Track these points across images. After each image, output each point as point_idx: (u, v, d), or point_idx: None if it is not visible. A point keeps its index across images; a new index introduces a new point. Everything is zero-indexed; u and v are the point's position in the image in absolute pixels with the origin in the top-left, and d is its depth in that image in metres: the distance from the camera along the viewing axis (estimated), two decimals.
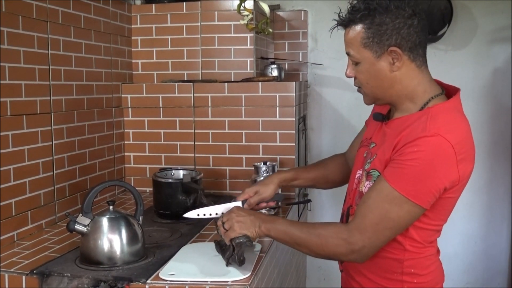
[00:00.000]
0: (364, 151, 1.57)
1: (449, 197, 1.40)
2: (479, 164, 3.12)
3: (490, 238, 3.18)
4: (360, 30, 1.41)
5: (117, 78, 2.54)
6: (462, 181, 1.39)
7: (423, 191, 1.33)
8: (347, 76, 1.51)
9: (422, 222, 1.42)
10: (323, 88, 3.22)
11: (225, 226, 1.51)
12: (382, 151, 1.45)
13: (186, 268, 1.53)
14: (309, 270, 3.29)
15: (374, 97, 1.49)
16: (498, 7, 2.99)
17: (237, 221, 1.49)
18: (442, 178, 1.33)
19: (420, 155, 1.32)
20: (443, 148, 1.32)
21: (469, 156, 1.41)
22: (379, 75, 1.43)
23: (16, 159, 1.82)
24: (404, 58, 1.41)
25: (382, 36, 1.39)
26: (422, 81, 1.45)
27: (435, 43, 3.03)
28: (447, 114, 1.39)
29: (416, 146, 1.32)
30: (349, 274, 1.58)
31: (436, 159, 1.32)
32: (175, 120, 2.56)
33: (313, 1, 3.13)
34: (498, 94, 3.07)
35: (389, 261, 1.46)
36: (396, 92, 1.45)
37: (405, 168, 1.33)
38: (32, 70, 1.90)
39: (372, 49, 1.41)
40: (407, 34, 1.39)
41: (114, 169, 2.52)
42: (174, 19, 2.65)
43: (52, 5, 1.99)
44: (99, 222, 1.57)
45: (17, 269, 1.56)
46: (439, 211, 1.43)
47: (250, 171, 2.40)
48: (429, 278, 1.49)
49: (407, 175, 1.33)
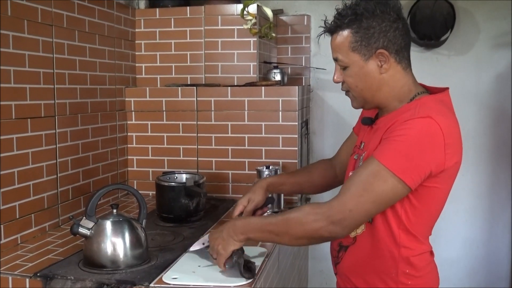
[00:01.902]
0: (354, 155, 1.61)
1: (435, 187, 1.41)
2: (481, 168, 3.15)
3: (492, 243, 3.18)
4: (348, 35, 1.46)
5: (121, 81, 2.56)
6: (448, 170, 1.40)
7: (409, 168, 1.34)
8: (335, 81, 1.56)
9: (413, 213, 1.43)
10: (325, 93, 3.23)
11: (213, 256, 1.51)
12: (373, 143, 1.48)
13: (189, 272, 1.53)
14: (311, 274, 3.29)
15: (363, 100, 1.53)
16: (500, 12, 3.00)
17: (217, 244, 1.49)
18: (428, 158, 1.35)
19: (409, 132, 1.35)
20: (432, 129, 1.34)
21: (456, 146, 1.42)
22: (367, 77, 1.47)
23: (21, 162, 1.83)
24: (391, 60, 1.46)
25: (370, 39, 1.44)
26: (407, 83, 1.50)
27: (438, 48, 3.04)
28: (435, 104, 1.43)
29: (406, 124, 1.36)
30: (344, 275, 1.58)
31: (424, 138, 1.34)
32: (178, 124, 2.57)
33: (316, 6, 3.15)
34: (500, 99, 3.07)
35: (385, 260, 1.47)
36: (384, 94, 1.49)
37: (393, 143, 1.36)
38: (37, 74, 1.91)
39: (360, 53, 1.45)
40: (393, 37, 1.44)
41: (117, 172, 2.53)
42: (178, 23, 2.66)
43: (57, 9, 2.01)
44: (102, 225, 1.58)
45: (21, 271, 1.57)
46: (428, 202, 1.43)
47: (253, 175, 2.40)
48: (424, 280, 1.50)
49: (395, 151, 1.35)
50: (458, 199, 3.12)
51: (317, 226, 1.37)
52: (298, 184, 1.88)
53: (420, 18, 2.92)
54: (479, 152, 3.09)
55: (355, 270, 1.54)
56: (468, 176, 3.11)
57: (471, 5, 3.02)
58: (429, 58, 3.07)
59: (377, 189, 1.35)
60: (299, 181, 1.88)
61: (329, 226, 1.36)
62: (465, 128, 3.00)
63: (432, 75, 3.02)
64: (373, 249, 1.47)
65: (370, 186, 1.35)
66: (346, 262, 1.56)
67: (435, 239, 1.57)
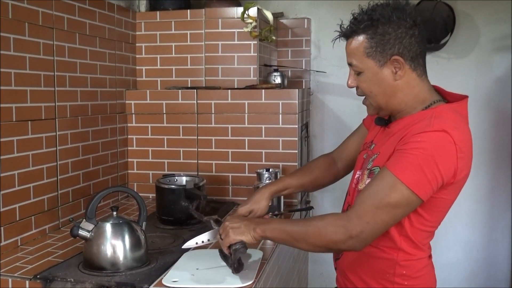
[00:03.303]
0: (364, 153, 1.60)
1: (444, 198, 1.42)
2: (481, 172, 3.15)
3: (492, 246, 3.18)
4: (363, 40, 1.44)
5: (121, 84, 2.56)
6: (457, 182, 1.41)
7: (423, 182, 1.34)
8: (349, 86, 1.54)
9: (417, 222, 1.43)
10: (325, 96, 3.23)
11: (221, 236, 1.52)
12: (385, 148, 1.47)
13: (189, 275, 1.53)
14: (311, 277, 3.29)
15: (377, 106, 1.52)
16: (500, 16, 3.00)
17: (231, 228, 1.49)
18: (441, 171, 1.35)
19: (424, 146, 1.34)
20: (446, 142, 1.35)
21: (468, 159, 1.43)
22: (382, 83, 1.46)
23: (21, 165, 1.83)
24: (406, 67, 1.45)
25: (385, 46, 1.42)
26: (422, 90, 1.49)
27: (437, 52, 3.05)
28: (451, 114, 1.42)
29: (420, 137, 1.36)
30: (343, 272, 1.60)
31: (438, 152, 1.34)
32: (178, 127, 2.57)
33: (317, 9, 3.15)
34: (500, 102, 3.08)
35: (383, 261, 1.48)
36: (398, 100, 1.48)
37: (408, 157, 1.35)
38: (38, 76, 1.91)
39: (375, 58, 1.44)
40: (408, 44, 1.43)
41: (117, 175, 2.53)
42: (178, 26, 2.67)
43: (57, 12, 2.01)
44: (102, 228, 1.58)
45: (21, 273, 1.57)
46: (434, 212, 1.44)
47: (253, 177, 2.41)
48: (421, 281, 1.51)
49: (409, 164, 1.35)
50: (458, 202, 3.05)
51: (336, 239, 1.37)
52: (301, 186, 1.89)
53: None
54: (479, 156, 3.09)
55: (354, 268, 1.55)
56: (468, 179, 3.09)
57: (471, 8, 3.02)
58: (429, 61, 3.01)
59: (392, 200, 1.34)
60: (302, 183, 1.88)
61: (348, 241, 1.36)
62: None
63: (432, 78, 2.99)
64: (373, 249, 1.48)
65: (385, 197, 1.35)
66: (346, 258, 1.58)
67: (436, 242, 1.57)
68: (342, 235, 1.36)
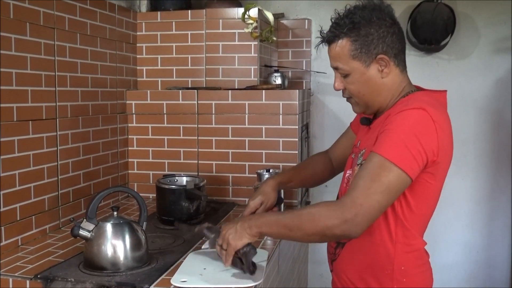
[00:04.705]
0: (352, 154, 1.65)
1: (428, 183, 1.44)
2: (481, 173, 3.15)
3: (491, 247, 3.18)
4: (346, 43, 1.50)
5: (122, 84, 2.56)
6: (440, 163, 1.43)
7: (409, 158, 1.36)
8: (336, 89, 1.59)
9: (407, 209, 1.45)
10: (326, 97, 3.23)
11: (223, 247, 1.51)
12: (369, 140, 1.51)
13: (198, 275, 1.53)
14: (311, 278, 3.29)
15: (365, 105, 1.57)
16: (501, 17, 3.00)
17: (229, 235, 1.49)
18: (424, 146, 1.37)
19: (403, 123, 1.39)
20: (424, 119, 1.39)
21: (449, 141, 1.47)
22: (369, 83, 1.52)
23: (22, 164, 1.83)
24: (391, 64, 1.50)
25: (369, 46, 1.48)
26: (403, 84, 1.55)
27: (438, 53, 3.04)
28: (428, 98, 1.47)
29: (399, 115, 1.40)
30: (340, 273, 1.60)
31: (417, 127, 1.38)
32: (179, 127, 2.57)
33: (317, 10, 3.16)
34: (500, 104, 3.08)
35: (380, 257, 1.49)
36: (384, 97, 1.54)
37: (391, 136, 1.39)
38: (39, 76, 1.92)
39: (361, 60, 1.49)
40: (391, 42, 1.49)
41: (118, 175, 2.53)
42: (179, 27, 2.67)
43: (59, 12, 2.02)
44: (103, 228, 1.58)
45: (21, 273, 1.57)
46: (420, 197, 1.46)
47: (253, 178, 2.41)
48: (419, 278, 1.52)
49: (392, 142, 1.38)
50: (458, 203, 3.12)
51: (330, 223, 1.36)
52: (303, 180, 1.95)
53: (421, 23, 2.92)
54: (479, 157, 3.09)
55: (351, 267, 1.55)
56: (468, 181, 3.12)
57: (472, 10, 3.03)
58: (429, 62, 3.07)
59: (384, 179, 1.36)
60: (304, 177, 1.94)
61: (342, 225, 1.35)
62: (465, 133, 3.04)
63: (432, 79, 3.03)
64: (370, 246, 1.49)
65: (376, 177, 1.36)
66: (343, 258, 1.59)
67: (435, 243, 1.58)
68: (336, 219, 1.35)
